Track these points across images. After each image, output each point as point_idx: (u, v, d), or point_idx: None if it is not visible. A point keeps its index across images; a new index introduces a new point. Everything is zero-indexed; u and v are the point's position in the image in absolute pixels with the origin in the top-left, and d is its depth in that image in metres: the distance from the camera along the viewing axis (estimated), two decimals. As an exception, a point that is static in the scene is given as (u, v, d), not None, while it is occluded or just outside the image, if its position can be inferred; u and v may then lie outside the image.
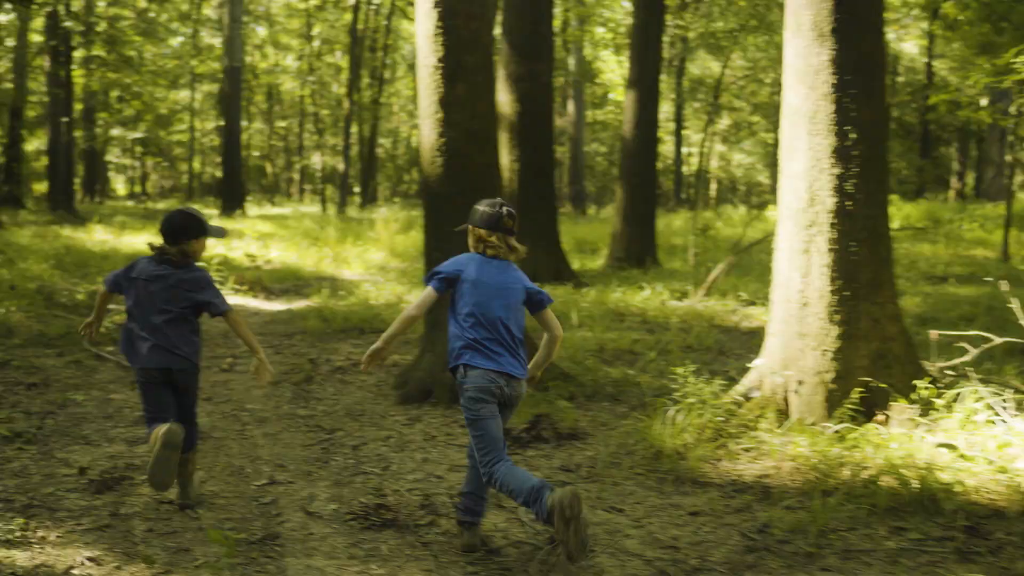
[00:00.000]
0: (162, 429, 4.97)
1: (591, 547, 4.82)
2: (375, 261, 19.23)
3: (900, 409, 6.49)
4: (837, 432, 6.28)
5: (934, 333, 7.75)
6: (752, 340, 10.49)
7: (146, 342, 5.17)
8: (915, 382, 6.60)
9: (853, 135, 6.69)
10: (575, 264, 16.55)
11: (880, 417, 6.48)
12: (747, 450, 6.42)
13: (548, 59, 14.91)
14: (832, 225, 6.73)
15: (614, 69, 44.00)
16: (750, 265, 16.09)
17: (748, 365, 7.37)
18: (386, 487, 5.83)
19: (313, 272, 17.76)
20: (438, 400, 7.71)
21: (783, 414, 6.81)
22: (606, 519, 5.40)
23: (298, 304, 13.67)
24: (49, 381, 8.32)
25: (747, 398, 7.06)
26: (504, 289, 4.87)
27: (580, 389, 8.09)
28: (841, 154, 6.70)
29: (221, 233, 5.53)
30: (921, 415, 6.40)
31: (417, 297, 4.99)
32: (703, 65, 45.32)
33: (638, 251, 17.23)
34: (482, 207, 4.99)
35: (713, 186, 50.67)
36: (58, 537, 4.88)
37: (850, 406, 6.42)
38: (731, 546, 5.02)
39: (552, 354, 5.14)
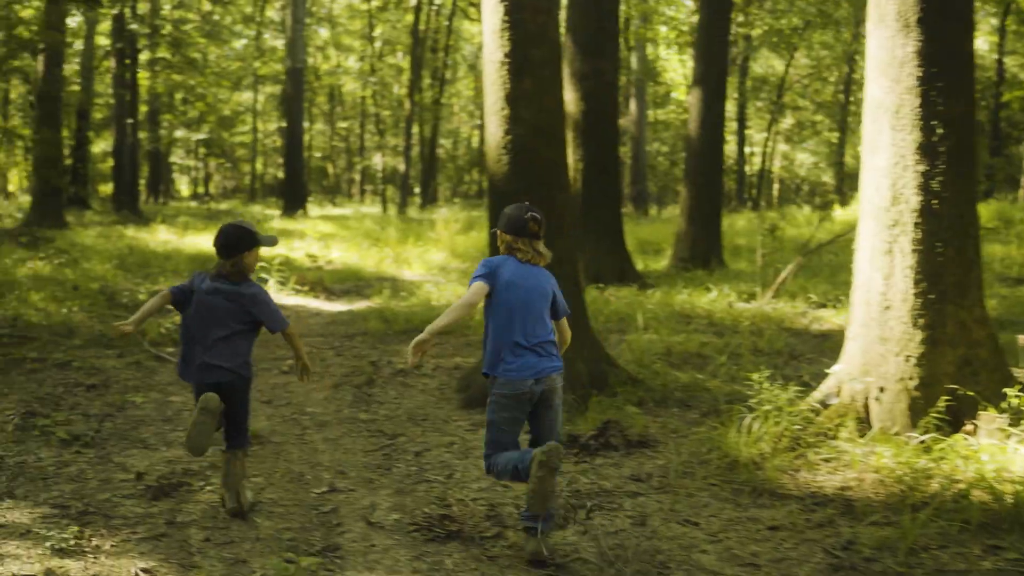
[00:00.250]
0: (202, 396, 5.09)
1: (559, 512, 4.96)
2: (436, 261, 19.08)
3: (989, 418, 6.15)
4: (923, 442, 5.96)
5: (1021, 338, 7.39)
6: (824, 344, 10.17)
7: (199, 358, 5.21)
8: (1005, 390, 6.25)
9: (940, 130, 6.36)
10: (638, 265, 16.24)
11: (968, 427, 6.15)
12: (827, 460, 6.12)
13: (613, 57, 14.62)
14: (916, 225, 6.41)
15: (676, 68, 43.59)
16: (818, 266, 15.71)
17: (826, 371, 7.05)
18: (450, 496, 5.61)
19: (374, 272, 17.65)
20: (502, 405, 7.49)
21: (863, 423, 6.50)
22: (681, 533, 5.14)
23: (359, 305, 13.54)
24: (109, 382, 8.23)
25: (825, 405, 6.77)
26: (534, 291, 4.91)
27: (649, 394, 7.83)
28: (927, 150, 6.37)
29: (272, 242, 5.61)
30: (1011, 425, 6.06)
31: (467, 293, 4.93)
32: (766, 64, 44.76)
33: (703, 252, 16.89)
34: (508, 211, 5.05)
35: (775, 186, 50.01)
36: (113, 546, 4.73)
37: (935, 415, 6.09)
38: (814, 564, 4.74)
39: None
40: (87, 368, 8.65)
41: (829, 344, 10.21)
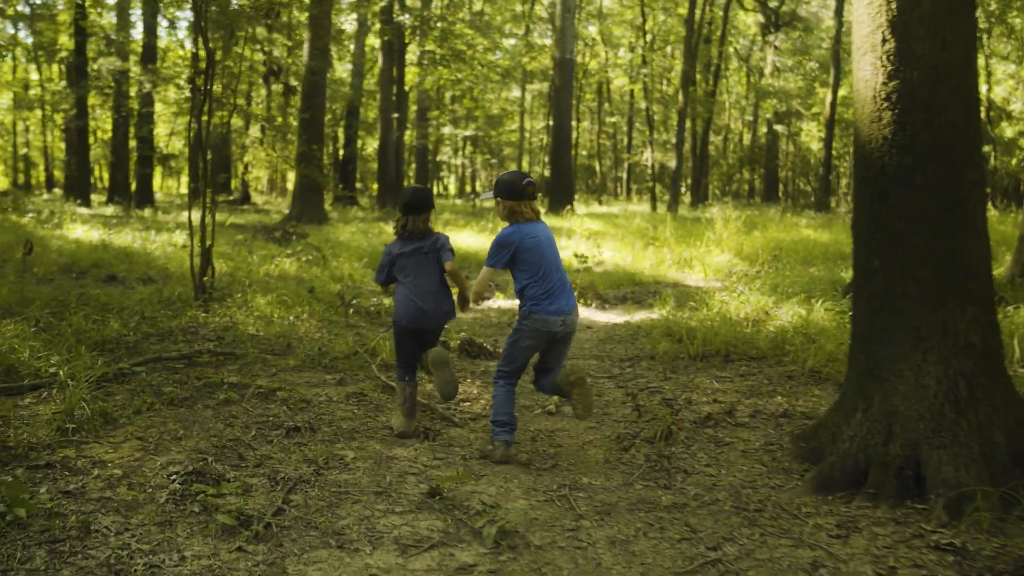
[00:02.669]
0: (429, 355, 5.99)
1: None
2: (719, 264, 16.41)
3: None
4: None
5: None
6: None
7: (409, 304, 5.99)
8: None
9: None
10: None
11: None
12: None
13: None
14: None
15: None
16: None
17: None
18: None
19: (651, 276, 15.24)
20: (879, 491, 4.85)
21: None
22: None
23: (638, 316, 11.17)
24: (317, 423, 6.12)
25: None
26: (548, 242, 5.63)
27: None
28: None
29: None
30: None
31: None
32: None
33: (1056, 258, 13.44)
34: (506, 178, 5.70)
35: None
36: None
37: None
38: None
39: None
40: (294, 401, 6.57)
41: None
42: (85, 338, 7.88)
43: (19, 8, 42.22)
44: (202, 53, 10.48)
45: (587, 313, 11.66)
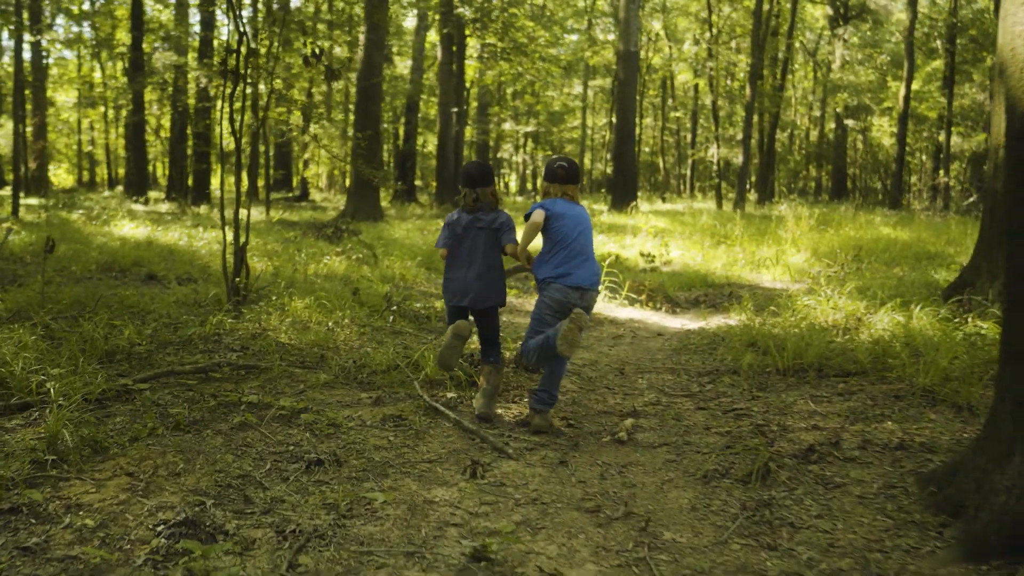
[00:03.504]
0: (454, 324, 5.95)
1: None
2: (796, 264, 15.28)
3: None
4: None
5: None
6: None
7: (453, 281, 6.09)
8: None
9: None
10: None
11: None
12: None
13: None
14: None
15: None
16: None
17: None
18: None
19: (723, 277, 14.16)
20: (1048, 560, 3.80)
21: None
22: None
23: (714, 321, 10.12)
24: (344, 454, 5.15)
25: None
26: (580, 219, 5.98)
27: None
28: None
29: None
30: None
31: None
32: None
33: None
34: (546, 162, 6.46)
35: None
36: None
37: None
38: None
39: None
40: (321, 425, 5.61)
41: None
42: (92, 348, 7.00)
43: (83, 7, 42.17)
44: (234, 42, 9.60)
45: (657, 318, 10.64)
